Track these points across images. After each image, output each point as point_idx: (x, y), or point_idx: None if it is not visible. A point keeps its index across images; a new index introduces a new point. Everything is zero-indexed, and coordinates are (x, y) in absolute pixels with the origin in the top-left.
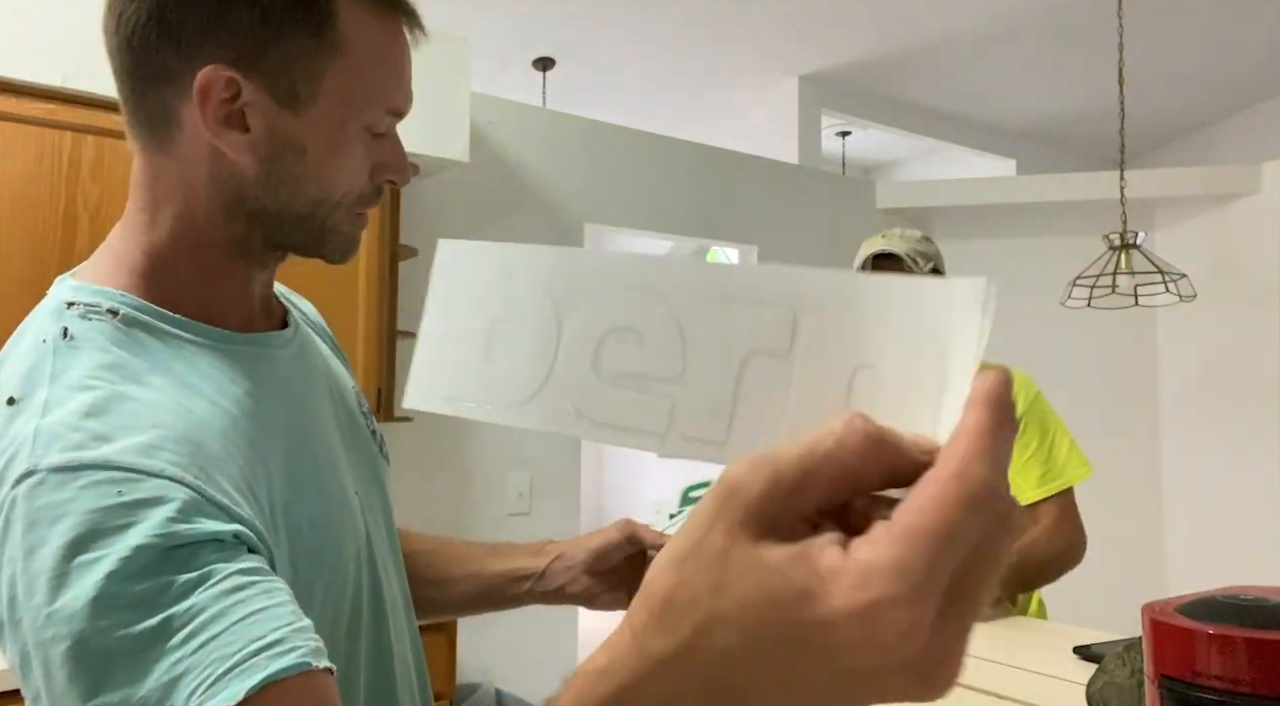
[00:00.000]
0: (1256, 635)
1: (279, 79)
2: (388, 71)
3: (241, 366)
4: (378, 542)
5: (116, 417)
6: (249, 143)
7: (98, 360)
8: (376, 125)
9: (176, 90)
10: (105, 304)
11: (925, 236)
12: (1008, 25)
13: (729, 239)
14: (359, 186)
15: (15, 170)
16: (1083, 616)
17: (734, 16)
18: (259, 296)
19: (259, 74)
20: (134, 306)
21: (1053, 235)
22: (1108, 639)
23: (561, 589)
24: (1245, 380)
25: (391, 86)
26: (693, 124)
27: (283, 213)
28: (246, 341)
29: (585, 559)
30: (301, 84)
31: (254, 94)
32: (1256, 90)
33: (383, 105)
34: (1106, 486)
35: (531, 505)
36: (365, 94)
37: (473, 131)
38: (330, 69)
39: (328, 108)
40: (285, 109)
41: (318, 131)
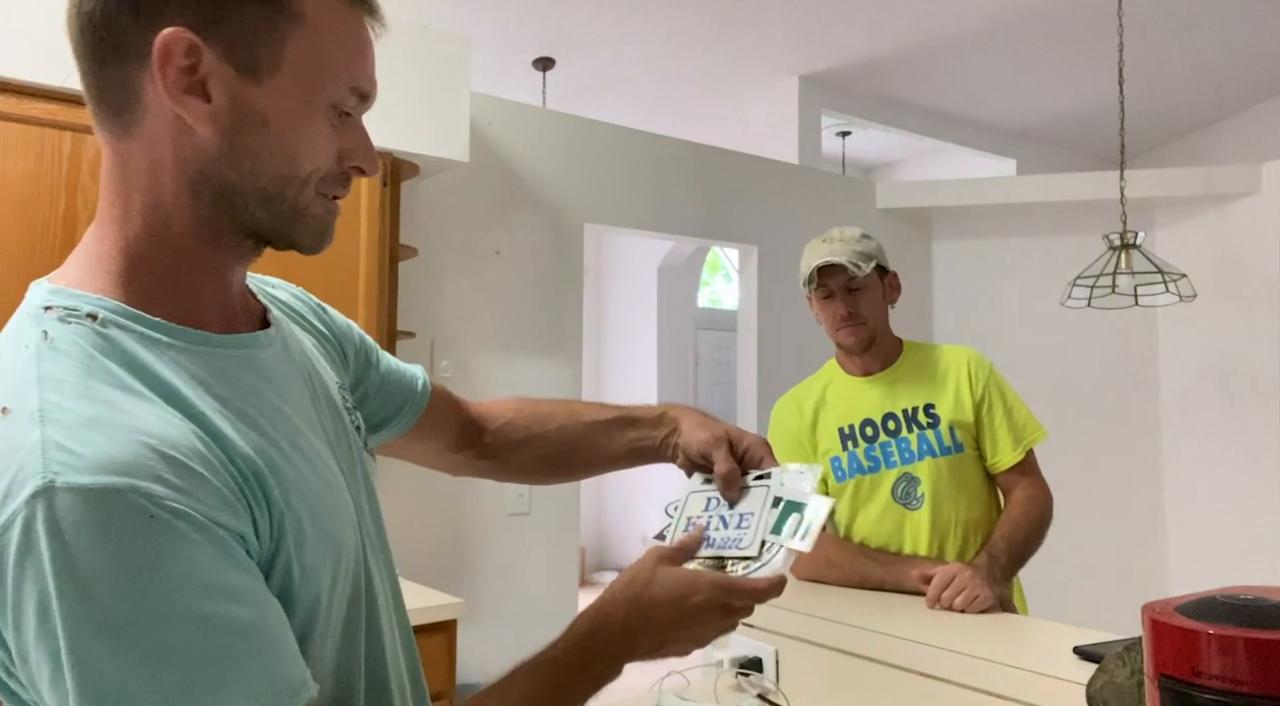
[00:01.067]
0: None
1: (239, 47)
2: (351, 48)
3: (224, 369)
4: (367, 537)
5: (118, 433)
6: (210, 113)
7: (84, 365)
8: (342, 103)
9: (137, 63)
10: (84, 308)
11: (864, 234)
12: (1008, 25)
13: (729, 239)
14: (325, 166)
15: (15, 170)
16: (1083, 616)
17: (734, 16)
18: (238, 295)
19: (219, 41)
20: (113, 309)
21: (1053, 235)
22: (1108, 639)
23: (670, 457)
24: (1245, 380)
25: (355, 64)
26: (693, 124)
27: (248, 188)
28: (231, 343)
29: (682, 444)
30: (263, 53)
31: (215, 62)
32: (1256, 90)
33: (347, 82)
34: (1107, 486)
35: (531, 505)
36: (329, 68)
37: (473, 131)
38: (291, 38)
39: (291, 79)
40: (247, 78)
41: (280, 103)
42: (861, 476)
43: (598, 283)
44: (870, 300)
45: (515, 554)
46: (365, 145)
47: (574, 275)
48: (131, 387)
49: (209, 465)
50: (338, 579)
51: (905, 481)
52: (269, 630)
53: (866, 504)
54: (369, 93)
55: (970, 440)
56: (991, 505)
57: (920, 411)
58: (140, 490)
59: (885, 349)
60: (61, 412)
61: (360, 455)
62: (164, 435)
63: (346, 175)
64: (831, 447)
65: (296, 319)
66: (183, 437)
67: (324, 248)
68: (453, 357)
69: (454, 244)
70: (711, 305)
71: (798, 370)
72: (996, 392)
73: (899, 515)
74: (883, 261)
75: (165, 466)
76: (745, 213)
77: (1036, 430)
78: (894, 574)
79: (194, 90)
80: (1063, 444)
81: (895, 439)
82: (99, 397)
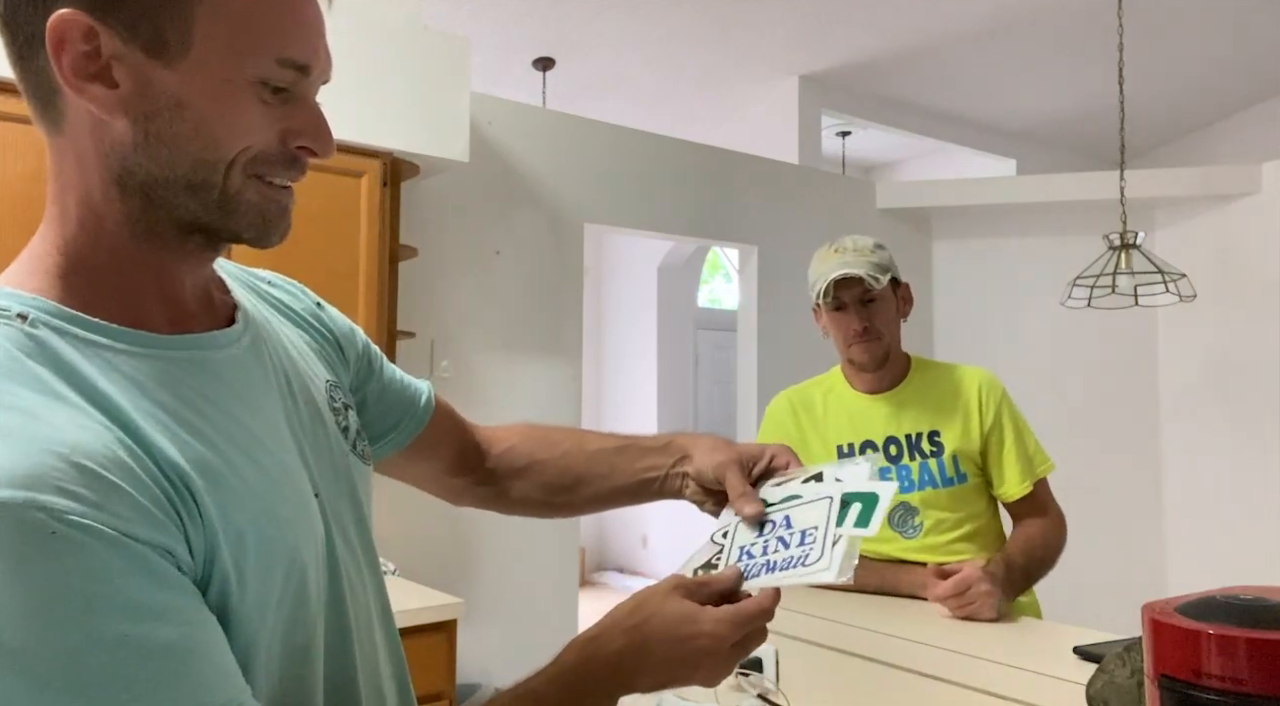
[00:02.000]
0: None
1: (142, 25)
2: (274, 16)
3: (168, 372)
4: (340, 547)
5: (24, 443)
6: (119, 99)
7: (4, 368)
8: (271, 77)
9: (46, 54)
10: (15, 308)
11: (877, 244)
12: (1008, 25)
13: (729, 239)
14: (257, 147)
15: (15, 170)
16: (1083, 616)
17: (734, 16)
18: (191, 293)
19: (118, 21)
20: (45, 310)
21: (1053, 235)
22: (1108, 639)
23: (678, 491)
24: (1245, 380)
25: (284, 33)
26: (693, 124)
27: (171, 179)
28: (175, 344)
29: (694, 474)
30: (170, 30)
31: (117, 45)
32: (1256, 90)
33: (271, 53)
34: (1107, 486)
35: None
36: (246, 39)
37: (473, 131)
38: (200, 10)
39: (204, 56)
40: (154, 60)
41: (195, 83)
42: None
43: (598, 283)
44: (885, 314)
45: (515, 554)
46: (314, 123)
47: (574, 275)
48: (55, 392)
49: (130, 476)
50: (287, 591)
51: (902, 510)
52: (196, 649)
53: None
54: (307, 64)
55: (975, 469)
56: (993, 530)
57: (924, 438)
58: (40, 504)
59: (895, 367)
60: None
61: (345, 458)
62: (80, 443)
63: (293, 156)
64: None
65: (290, 314)
66: (102, 446)
67: (275, 238)
68: (453, 358)
69: (454, 244)
70: (711, 305)
71: (798, 370)
72: (1008, 421)
73: (896, 543)
74: (896, 273)
75: (76, 478)
76: (745, 213)
77: (1044, 462)
78: (889, 580)
79: (99, 77)
80: (1063, 444)
81: (896, 465)
82: (14, 404)
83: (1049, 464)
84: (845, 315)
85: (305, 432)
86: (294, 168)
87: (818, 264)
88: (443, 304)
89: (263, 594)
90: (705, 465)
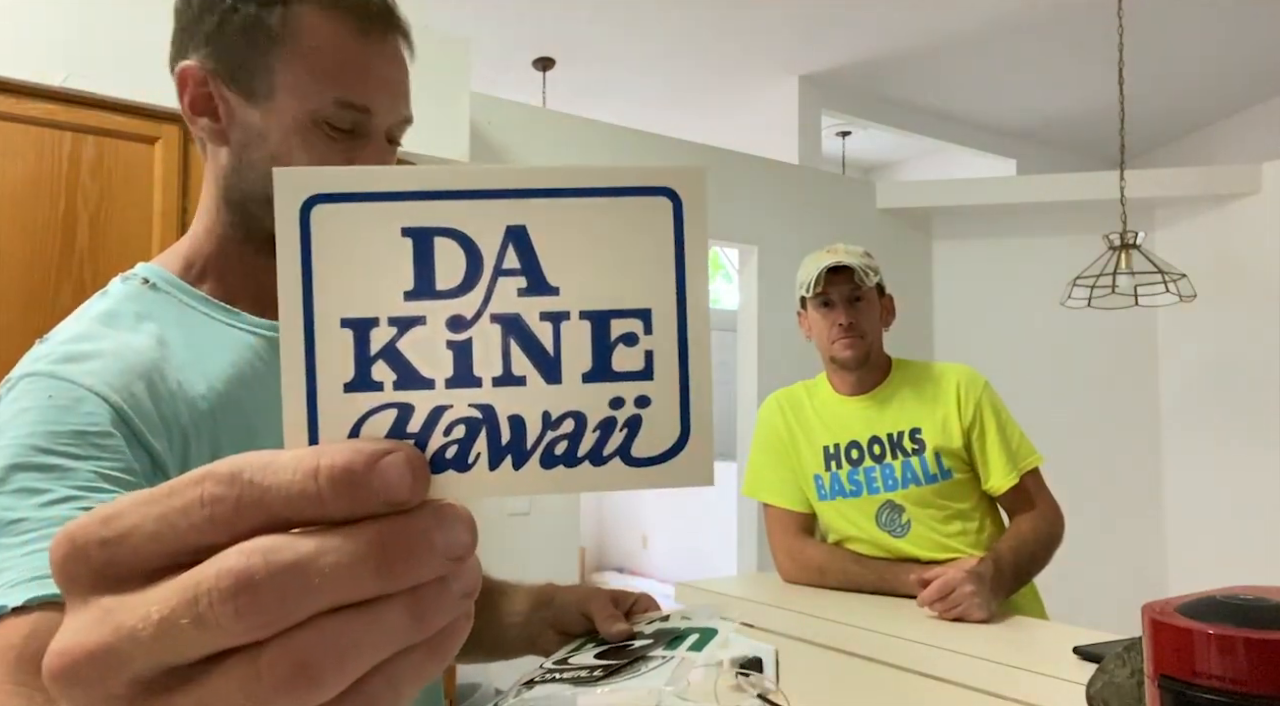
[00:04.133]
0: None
1: (240, 74)
2: (334, 65)
3: (240, 339)
4: None
5: (88, 345)
6: (221, 132)
7: (112, 309)
8: (332, 118)
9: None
10: (142, 274)
11: (867, 252)
12: (1008, 25)
13: (729, 239)
14: None
15: (15, 170)
16: (1083, 616)
17: (734, 16)
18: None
19: (226, 70)
20: (162, 278)
21: (1053, 235)
22: (1108, 639)
23: (533, 640)
24: (1245, 380)
25: (342, 78)
26: (693, 124)
27: (257, 197)
28: (251, 323)
29: (553, 618)
30: (258, 78)
31: (222, 88)
32: (1256, 90)
33: (330, 94)
34: (1107, 486)
35: (531, 505)
36: (311, 83)
37: (473, 131)
38: (279, 63)
39: (280, 99)
40: (246, 101)
41: (272, 120)
42: (844, 499)
43: None
44: (870, 315)
45: (515, 554)
46: (375, 159)
47: None
48: (136, 328)
49: (153, 388)
50: None
51: (888, 509)
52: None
53: (852, 530)
54: (367, 106)
55: (960, 464)
56: (986, 526)
57: (906, 437)
58: (57, 374)
59: (876, 369)
60: (63, 333)
61: None
62: (124, 355)
63: None
64: (814, 465)
65: None
66: (144, 368)
67: None
68: None
69: None
70: (711, 305)
71: (798, 370)
72: (989, 415)
73: (885, 543)
74: (882, 282)
75: (101, 374)
76: (745, 213)
77: (1030, 454)
78: (888, 579)
79: (208, 112)
80: (1062, 444)
81: (880, 464)
82: (98, 330)
83: (1035, 456)
84: (832, 311)
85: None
86: None
87: (808, 264)
88: None
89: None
90: (569, 602)
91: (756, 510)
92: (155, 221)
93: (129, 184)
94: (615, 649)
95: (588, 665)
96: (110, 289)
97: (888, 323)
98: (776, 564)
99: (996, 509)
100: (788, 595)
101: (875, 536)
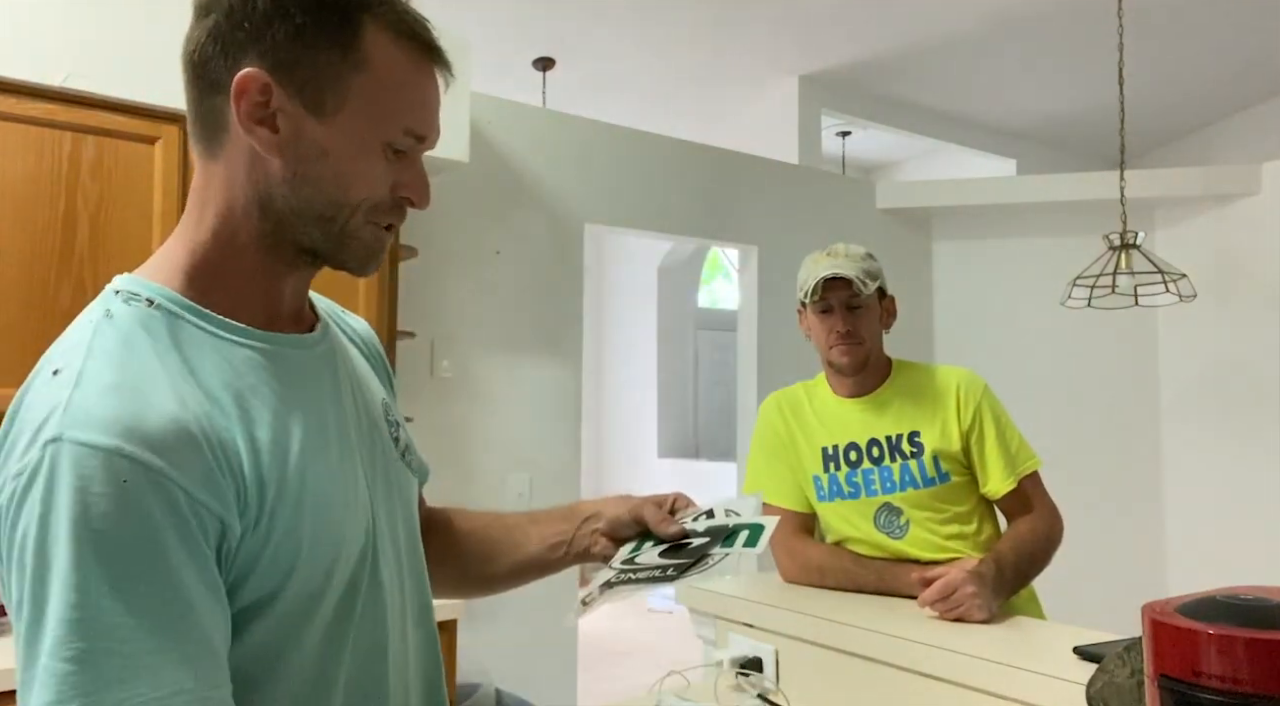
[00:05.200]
0: (1256, 635)
1: (307, 88)
2: (409, 95)
3: (252, 358)
4: (384, 544)
5: (130, 401)
6: (278, 143)
7: (127, 340)
8: (396, 142)
9: (224, 97)
10: (144, 293)
11: (869, 253)
12: (1008, 25)
13: (729, 239)
14: (377, 196)
15: (15, 170)
16: (1083, 616)
17: (734, 17)
18: (288, 302)
19: (290, 82)
20: (168, 298)
21: (1053, 235)
22: (1108, 639)
23: (587, 550)
24: (1245, 380)
25: (412, 110)
26: (693, 124)
27: (306, 211)
28: (265, 338)
29: (605, 528)
30: (329, 95)
31: (285, 100)
32: (1256, 90)
33: (402, 124)
34: (1107, 486)
35: (531, 505)
36: (385, 111)
37: (473, 131)
38: (354, 84)
39: (350, 119)
40: (311, 115)
41: (340, 139)
42: (842, 500)
43: (598, 283)
44: (868, 321)
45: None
46: (419, 180)
47: (574, 275)
48: (164, 363)
49: (209, 442)
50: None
51: (886, 511)
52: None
53: (851, 531)
54: (425, 135)
55: (959, 468)
56: (984, 529)
57: (904, 440)
58: (125, 452)
59: (875, 372)
60: (94, 380)
61: (396, 465)
62: (173, 409)
63: (398, 204)
64: (813, 466)
65: (360, 347)
66: (191, 416)
67: (371, 269)
68: (453, 358)
69: (454, 244)
70: (711, 305)
71: (798, 370)
72: (989, 418)
73: (884, 544)
74: (884, 283)
75: (164, 436)
76: (745, 213)
77: (1029, 458)
78: (887, 580)
79: (265, 122)
80: (1063, 444)
81: (878, 466)
82: (129, 368)
83: (1034, 460)
84: (830, 317)
85: (363, 436)
86: (398, 214)
87: (809, 266)
88: (443, 304)
89: (310, 581)
90: (620, 512)
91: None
92: (155, 221)
93: (129, 184)
94: (674, 547)
95: (658, 564)
96: (115, 312)
97: (888, 324)
98: (777, 564)
99: (994, 512)
100: (788, 595)
101: (874, 537)
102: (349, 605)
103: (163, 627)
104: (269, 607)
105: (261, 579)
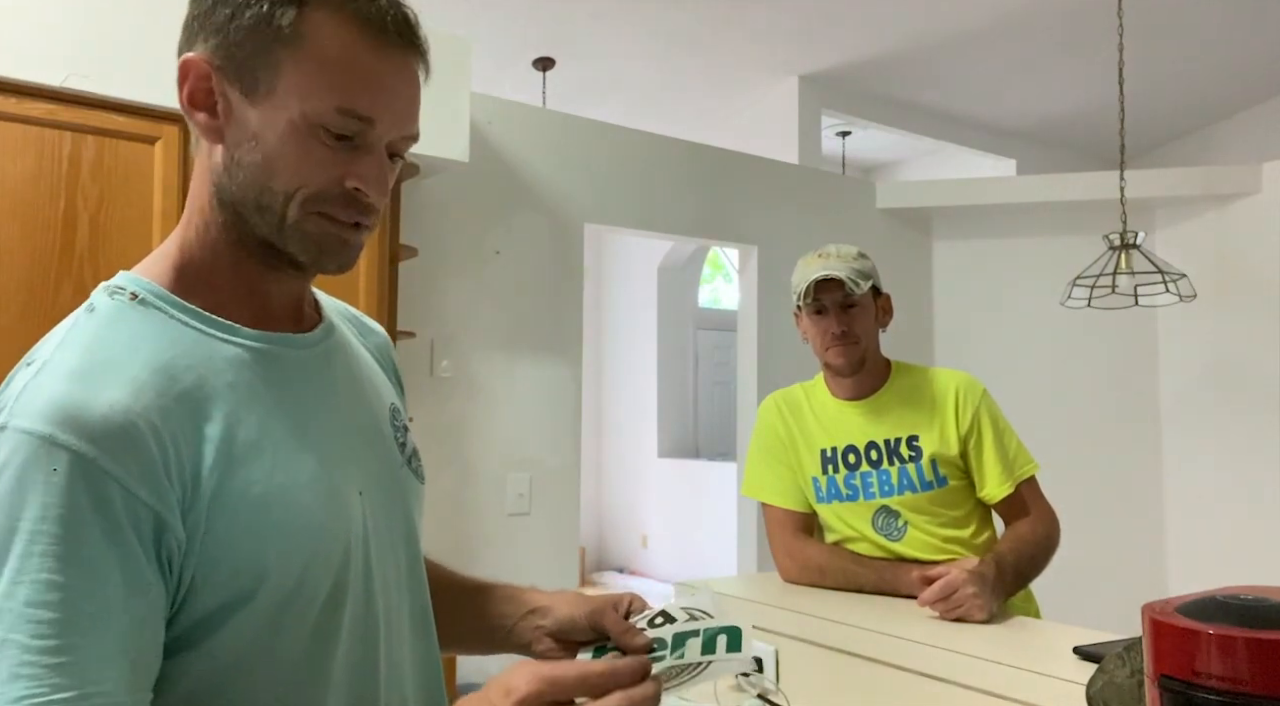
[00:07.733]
0: (1256, 635)
1: (245, 70)
2: (346, 74)
3: (239, 357)
4: (378, 550)
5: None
6: (216, 128)
7: (101, 332)
8: (330, 123)
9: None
10: (130, 288)
11: (861, 253)
12: (1008, 25)
13: (729, 239)
14: (314, 185)
15: (15, 170)
16: (1083, 616)
17: (734, 16)
18: (278, 299)
19: (231, 65)
20: (153, 292)
21: (1053, 235)
22: (1108, 639)
23: (528, 645)
24: (1245, 380)
25: (348, 89)
26: (693, 124)
27: (245, 200)
28: (253, 336)
29: (553, 627)
30: (262, 76)
31: (225, 84)
32: (1256, 90)
33: (332, 100)
34: (1107, 486)
35: (531, 505)
36: (314, 89)
37: (473, 131)
38: (286, 63)
39: (280, 99)
40: (246, 98)
41: (270, 122)
42: (840, 502)
43: (598, 283)
44: (863, 320)
45: (515, 554)
46: (370, 170)
47: (574, 275)
48: (134, 355)
49: (158, 439)
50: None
51: (884, 514)
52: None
53: (849, 532)
54: (370, 116)
55: (956, 472)
56: (981, 532)
57: (903, 444)
58: (59, 441)
59: (873, 372)
60: (55, 366)
61: (399, 470)
62: (125, 401)
63: (349, 196)
64: (812, 467)
65: (376, 355)
66: (142, 407)
67: (330, 267)
68: (453, 358)
69: (454, 244)
70: (711, 305)
71: (797, 370)
72: (987, 423)
73: (882, 545)
74: (878, 282)
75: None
76: (745, 213)
77: (1027, 463)
78: (888, 579)
79: (206, 107)
80: (1063, 444)
81: (876, 470)
82: (94, 356)
83: (1032, 465)
84: (824, 318)
85: (362, 437)
86: (353, 206)
87: (801, 268)
88: (443, 304)
89: (279, 588)
90: (573, 613)
91: (756, 510)
92: (155, 221)
93: (129, 184)
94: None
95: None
96: (97, 304)
97: (885, 323)
98: (776, 564)
99: (991, 516)
100: (788, 595)
101: (872, 539)
102: (333, 615)
103: (65, 624)
104: (239, 611)
105: (227, 579)
